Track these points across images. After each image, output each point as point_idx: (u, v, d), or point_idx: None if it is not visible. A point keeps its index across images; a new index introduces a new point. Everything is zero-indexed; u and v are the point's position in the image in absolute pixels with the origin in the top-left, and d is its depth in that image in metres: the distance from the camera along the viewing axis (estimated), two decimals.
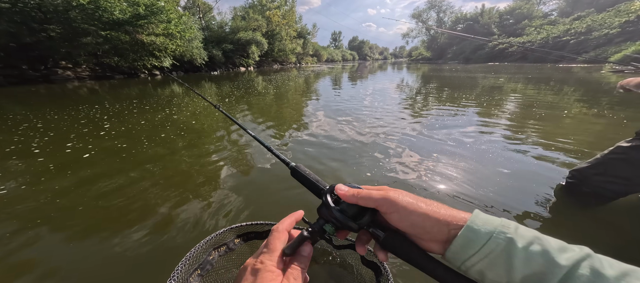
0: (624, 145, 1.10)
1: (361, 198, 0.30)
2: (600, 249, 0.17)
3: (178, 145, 2.33)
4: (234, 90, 6.64)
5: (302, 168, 0.42)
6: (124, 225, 1.19)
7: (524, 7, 33.49)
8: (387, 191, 0.29)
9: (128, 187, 1.55)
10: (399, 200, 0.28)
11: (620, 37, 14.84)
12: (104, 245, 1.07)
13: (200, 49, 17.63)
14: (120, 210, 1.32)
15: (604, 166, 1.14)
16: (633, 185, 1.08)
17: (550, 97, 4.27)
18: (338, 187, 0.33)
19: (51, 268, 0.97)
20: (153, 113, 3.83)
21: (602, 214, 1.11)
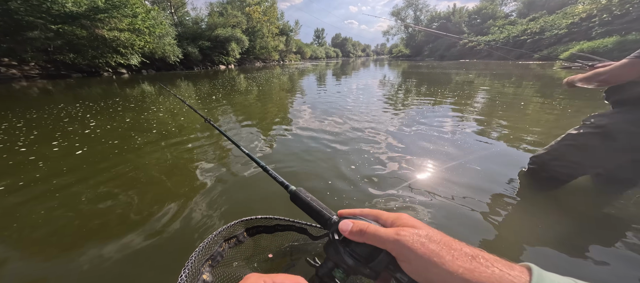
0: (573, 132, 1.22)
1: (368, 238, 0.25)
2: (558, 227, 0.17)
3: (153, 149, 2.16)
4: (215, 90, 6.30)
5: (304, 193, 0.38)
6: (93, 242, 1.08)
7: (488, 7, 36.61)
8: (398, 231, 0.22)
9: (97, 199, 1.40)
10: (413, 246, 0.20)
11: (567, 37, 17.01)
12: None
13: (174, 46, 16.36)
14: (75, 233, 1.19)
15: (558, 152, 1.26)
16: (582, 168, 1.20)
17: (512, 91, 4.76)
18: (342, 224, 0.27)
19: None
20: (122, 114, 3.47)
21: (559, 195, 1.26)
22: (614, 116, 1.07)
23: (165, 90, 5.63)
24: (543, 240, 0.98)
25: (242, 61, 26.04)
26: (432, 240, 0.21)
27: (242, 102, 4.61)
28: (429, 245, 0.20)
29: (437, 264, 0.19)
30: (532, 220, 1.09)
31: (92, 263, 0.97)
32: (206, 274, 0.38)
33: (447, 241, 0.21)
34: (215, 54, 21.72)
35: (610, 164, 1.12)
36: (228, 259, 0.45)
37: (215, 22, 22.41)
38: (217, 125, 0.91)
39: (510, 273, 0.17)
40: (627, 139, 1.00)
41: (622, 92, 1.05)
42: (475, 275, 0.18)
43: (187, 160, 1.92)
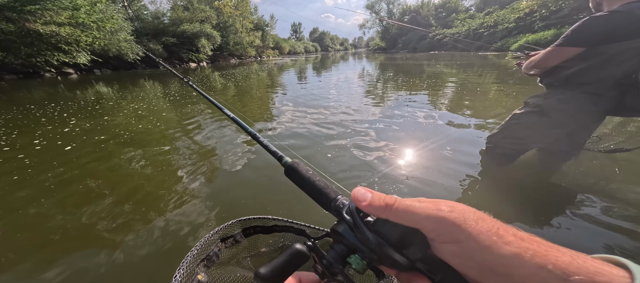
0: (517, 112, 1.37)
1: (397, 213, 0.19)
2: (512, 197, 0.22)
3: (121, 156, 1.98)
4: (187, 89, 5.87)
5: (303, 166, 0.30)
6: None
7: (452, 1, 39.55)
8: (438, 205, 0.18)
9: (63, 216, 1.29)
10: (465, 225, 0.16)
11: (516, 30, 19.33)
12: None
13: (131, 43, 14.56)
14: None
15: (507, 130, 1.40)
16: (527, 144, 1.35)
17: (475, 79, 5.37)
18: (356, 192, 0.21)
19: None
20: (82, 120, 3.09)
21: (511, 169, 1.43)
22: (547, 96, 1.25)
23: (129, 89, 5.04)
24: (505, 213, 1.16)
25: (215, 58, 24.31)
26: (483, 218, 0.17)
27: (219, 100, 4.43)
28: (482, 223, 0.16)
29: (498, 244, 0.15)
30: (493, 195, 1.28)
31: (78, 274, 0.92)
32: (201, 274, 0.36)
33: (499, 222, 0.17)
34: (183, 51, 19.91)
35: (548, 138, 1.32)
36: (224, 259, 0.44)
37: (180, 17, 20.43)
38: (199, 89, 0.88)
39: (596, 265, 0.14)
40: (558, 116, 1.20)
41: (551, 76, 1.22)
42: (550, 259, 0.14)
43: (167, 163, 1.82)
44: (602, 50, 1.05)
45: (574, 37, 1.08)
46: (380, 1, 52.80)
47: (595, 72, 1.10)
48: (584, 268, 0.14)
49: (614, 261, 0.15)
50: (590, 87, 1.12)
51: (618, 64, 1.04)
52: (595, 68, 1.09)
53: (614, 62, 1.04)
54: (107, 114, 3.53)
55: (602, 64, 1.06)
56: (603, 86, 1.10)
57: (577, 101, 1.16)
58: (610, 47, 1.03)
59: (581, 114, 1.18)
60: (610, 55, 1.03)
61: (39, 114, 3.61)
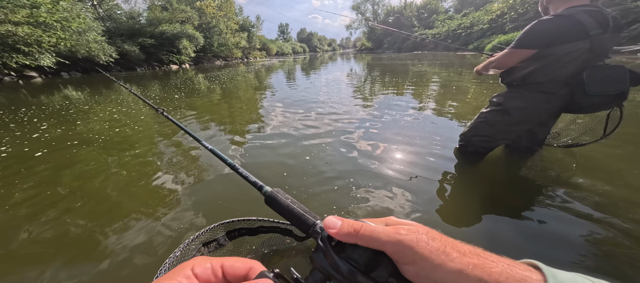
0: (484, 111, 1.45)
1: (363, 238, 0.21)
2: (485, 192, 0.26)
3: (98, 164, 1.82)
4: (169, 92, 5.60)
5: (282, 195, 0.32)
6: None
7: (432, 2, 41.38)
8: (397, 229, 0.20)
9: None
10: (417, 246, 0.19)
11: (490, 31, 20.66)
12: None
13: (103, 44, 13.60)
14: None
15: (476, 129, 1.48)
16: (494, 140, 1.44)
17: (456, 78, 5.69)
18: (327, 220, 0.23)
19: None
20: (52, 126, 2.85)
21: (483, 165, 1.52)
22: (507, 95, 1.34)
23: (103, 92, 4.66)
24: (480, 207, 1.22)
25: (198, 60, 23.39)
26: (433, 238, 0.19)
27: (204, 104, 4.28)
28: (432, 243, 0.19)
29: (445, 263, 0.18)
30: (469, 191, 1.37)
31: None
32: None
33: (447, 239, 0.20)
34: (162, 52, 18.93)
35: (512, 135, 1.45)
36: None
37: (158, 18, 19.42)
38: (173, 118, 0.80)
39: (520, 271, 0.17)
40: (518, 114, 1.29)
41: (510, 76, 1.31)
42: (486, 271, 0.17)
43: (143, 173, 1.74)
44: (551, 52, 1.13)
45: (525, 39, 1.16)
46: (366, 2, 53.91)
47: (547, 72, 1.18)
48: (512, 276, 0.16)
49: (533, 265, 0.18)
50: (544, 86, 1.22)
51: (566, 64, 1.14)
52: (547, 68, 1.17)
53: (562, 63, 1.14)
54: (78, 119, 3.28)
55: (552, 64, 1.16)
56: (555, 85, 1.21)
57: (533, 99, 1.26)
58: (557, 49, 1.11)
59: (538, 112, 1.29)
60: (558, 56, 1.13)
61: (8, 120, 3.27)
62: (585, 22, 1.07)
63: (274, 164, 1.81)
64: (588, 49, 1.10)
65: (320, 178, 1.56)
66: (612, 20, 1.08)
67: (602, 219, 1.08)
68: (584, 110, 1.26)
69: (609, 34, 1.08)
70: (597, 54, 1.12)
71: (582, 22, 1.07)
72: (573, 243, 0.99)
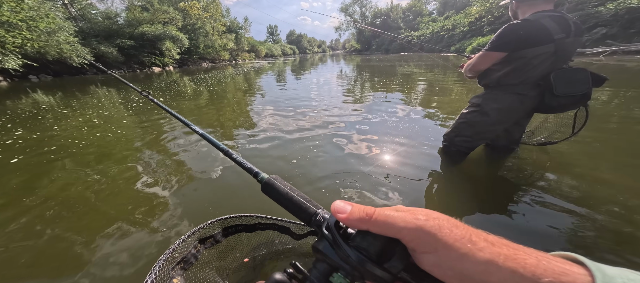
0: (464, 111, 1.49)
1: (377, 224, 0.19)
2: (467, 189, 0.26)
3: (76, 169, 1.66)
4: (153, 96, 5.31)
5: (280, 182, 0.30)
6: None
7: (417, 5, 42.93)
8: (415, 214, 0.18)
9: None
10: (440, 234, 0.17)
11: (470, 33, 21.75)
12: None
13: (76, 45, 12.71)
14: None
15: (458, 129, 1.52)
16: (474, 140, 1.48)
17: (441, 80, 5.91)
18: (336, 205, 0.21)
19: None
20: (27, 131, 2.59)
21: (465, 165, 1.57)
22: (484, 96, 1.40)
23: (78, 97, 4.25)
24: (466, 205, 1.29)
25: (183, 62, 22.54)
26: (456, 225, 0.18)
27: (191, 107, 4.14)
28: (456, 231, 0.17)
29: (473, 252, 0.16)
30: (455, 189, 1.42)
31: None
32: (177, 278, 0.34)
33: (470, 227, 0.18)
34: (143, 54, 18.06)
35: (491, 135, 1.47)
36: (203, 261, 0.41)
37: (138, 18, 18.52)
38: (159, 101, 0.81)
39: (558, 264, 0.15)
40: (495, 114, 1.35)
41: (486, 78, 1.37)
42: (520, 262, 0.15)
43: (126, 179, 1.64)
44: (521, 55, 1.19)
45: (496, 43, 1.21)
46: (354, 4, 54.86)
47: (519, 74, 1.24)
48: (550, 269, 0.14)
49: (572, 258, 0.16)
50: (517, 87, 1.29)
51: (535, 67, 1.21)
52: (518, 70, 1.23)
53: (531, 65, 1.21)
54: (53, 124, 3.01)
55: (523, 67, 1.21)
56: (526, 87, 1.27)
57: (507, 100, 1.32)
58: (527, 52, 1.17)
59: (513, 112, 1.36)
60: (528, 59, 1.20)
61: None
62: (549, 27, 1.13)
63: (264, 165, 1.79)
64: (553, 53, 1.17)
65: (310, 178, 1.56)
66: (574, 25, 1.16)
67: (573, 210, 1.15)
68: (553, 110, 1.33)
69: (571, 38, 1.16)
70: (562, 57, 1.20)
71: (547, 27, 1.13)
72: (548, 233, 1.04)
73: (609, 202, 1.19)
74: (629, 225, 1.05)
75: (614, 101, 2.97)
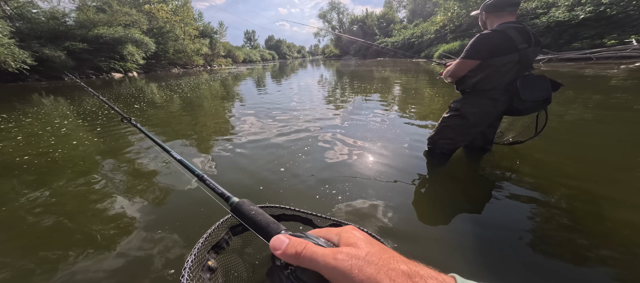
0: (445, 115, 1.56)
1: (303, 261, 0.21)
2: (451, 188, 0.23)
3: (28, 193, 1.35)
4: (111, 103, 4.69)
5: (248, 205, 0.32)
6: None
7: (389, 13, 45.98)
8: (336, 253, 0.20)
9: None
10: (350, 273, 0.18)
11: (436, 40, 23.89)
12: None
13: (12, 48, 10.80)
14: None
15: (441, 133, 1.58)
16: (456, 142, 1.56)
17: (414, 83, 6.30)
18: (275, 240, 0.23)
19: None
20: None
21: (449, 166, 1.64)
22: (462, 101, 1.48)
23: (16, 107, 3.42)
24: (448, 202, 1.34)
25: (150, 67, 20.56)
26: (370, 262, 0.19)
27: (162, 116, 3.77)
28: (366, 269, 0.18)
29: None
30: (438, 189, 1.47)
31: None
32: (211, 261, 0.37)
33: (386, 260, 0.19)
34: (99, 59, 16.05)
35: (469, 136, 1.56)
36: (233, 247, 0.45)
37: (92, 19, 16.49)
38: (144, 129, 0.73)
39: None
40: (473, 117, 1.44)
41: (463, 83, 1.46)
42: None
43: (88, 199, 1.39)
44: (491, 62, 1.31)
45: (470, 51, 1.31)
46: (332, 11, 56.61)
47: (491, 81, 1.36)
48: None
49: (453, 277, 0.18)
50: (489, 92, 1.39)
51: (504, 74, 1.32)
52: (490, 77, 1.35)
53: (500, 72, 1.32)
54: None
55: (493, 73, 1.33)
56: (497, 92, 1.38)
57: (482, 105, 1.42)
58: (496, 60, 1.29)
59: (487, 115, 1.46)
60: (497, 67, 1.30)
61: None
62: (514, 37, 1.23)
63: (247, 176, 1.70)
64: (517, 61, 1.28)
65: (295, 186, 1.51)
66: (533, 37, 1.28)
67: (542, 202, 1.27)
68: (520, 112, 1.46)
69: (531, 48, 1.28)
70: (524, 65, 1.32)
71: (512, 37, 1.23)
72: (521, 224, 1.14)
73: (570, 192, 1.32)
74: (587, 213, 1.18)
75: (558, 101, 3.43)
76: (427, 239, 1.09)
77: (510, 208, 1.24)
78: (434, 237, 1.10)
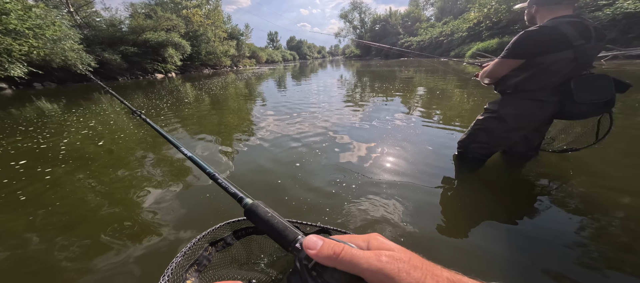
0: (479, 118, 1.45)
1: (343, 263, 0.20)
2: (484, 197, 0.21)
3: (81, 179, 1.61)
4: (154, 102, 5.26)
5: (263, 208, 0.30)
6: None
7: (415, 11, 43.69)
8: (379, 255, 0.20)
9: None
10: (398, 277, 0.18)
11: (469, 38, 21.99)
12: None
13: (80, 52, 12.87)
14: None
15: (474, 136, 1.47)
16: (491, 147, 1.43)
17: (441, 84, 5.88)
18: (308, 241, 0.22)
19: None
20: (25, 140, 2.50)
21: (482, 172, 1.51)
22: (502, 102, 1.35)
23: (82, 104, 4.27)
24: (480, 212, 1.21)
25: (185, 68, 22.78)
26: (415, 266, 0.19)
27: (193, 114, 4.10)
28: (413, 273, 0.18)
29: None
30: (468, 196, 1.34)
31: None
32: (191, 279, 0.35)
33: (429, 266, 0.19)
34: (146, 61, 18.27)
35: (508, 141, 1.42)
36: (215, 264, 0.41)
37: (142, 25, 18.83)
38: (152, 122, 0.77)
39: None
40: (513, 121, 1.31)
41: (502, 84, 1.33)
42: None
43: (137, 183, 1.58)
44: (539, 61, 1.15)
45: (513, 49, 1.18)
46: (353, 11, 55.92)
47: (537, 80, 1.20)
48: None
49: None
50: (535, 93, 1.24)
51: (554, 73, 1.16)
52: (536, 76, 1.19)
53: (550, 72, 1.16)
54: (55, 133, 2.94)
55: (541, 73, 1.18)
56: (545, 93, 1.22)
57: (526, 107, 1.27)
58: (545, 58, 1.13)
59: (531, 118, 1.30)
60: (547, 65, 1.15)
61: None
62: (568, 34, 1.08)
63: (264, 172, 1.75)
64: (573, 59, 1.12)
65: (311, 186, 1.50)
66: (594, 31, 1.10)
67: (593, 217, 1.09)
68: (573, 116, 1.27)
69: (592, 44, 1.10)
70: (582, 63, 1.14)
71: (565, 34, 1.08)
72: (565, 239, 1.00)
73: (634, 215, 1.10)
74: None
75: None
76: (455, 248, 1.01)
77: (554, 220, 1.10)
78: (463, 246, 1.02)
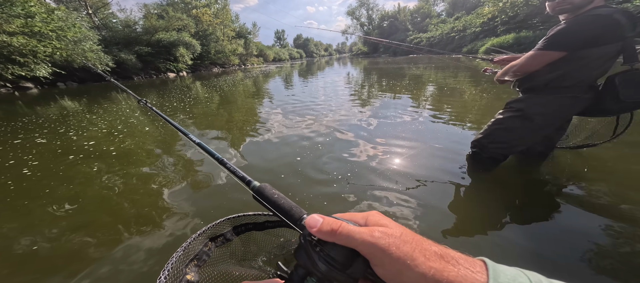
0: (499, 117, 1.36)
1: (340, 238, 0.22)
2: (498, 197, 0.23)
3: (99, 174, 1.75)
4: (167, 100, 5.51)
5: (269, 189, 0.33)
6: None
7: (425, 7, 42.36)
8: (372, 231, 0.21)
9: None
10: (388, 249, 0.20)
11: (482, 33, 21.12)
12: None
13: (99, 53, 13.56)
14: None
15: (492, 135, 1.38)
16: (513, 147, 1.34)
17: (452, 81, 5.73)
18: (309, 219, 0.24)
19: None
20: (47, 140, 2.73)
21: (498, 173, 1.45)
22: (528, 100, 1.24)
23: (100, 102, 4.59)
24: (494, 213, 1.18)
25: (196, 67, 23.42)
26: (405, 241, 0.20)
27: (203, 112, 4.25)
28: (402, 247, 0.20)
29: (411, 267, 0.19)
30: (482, 197, 1.33)
31: None
32: (191, 274, 0.35)
33: (418, 241, 0.21)
34: (159, 60, 18.95)
35: (530, 141, 1.33)
36: (214, 259, 0.42)
37: (154, 26, 19.51)
38: (158, 110, 0.81)
39: (473, 270, 0.18)
40: (541, 119, 1.22)
41: (531, 81, 1.22)
42: (445, 275, 0.18)
43: (151, 180, 1.66)
44: (584, 54, 1.04)
45: (558, 40, 1.05)
46: (360, 7, 54.96)
47: (575, 76, 1.10)
48: (462, 275, 0.18)
49: (482, 260, 0.20)
50: (570, 90, 1.14)
51: (595, 68, 1.06)
52: (575, 72, 1.09)
53: (592, 66, 1.06)
54: (77, 130, 3.18)
55: (582, 68, 1.07)
56: (580, 89, 1.13)
57: (558, 105, 1.18)
58: (592, 51, 1.02)
59: (560, 117, 1.23)
60: (592, 59, 1.03)
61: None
62: (622, 23, 0.95)
63: (271, 166, 1.80)
64: (617, 52, 1.02)
65: (317, 182, 1.53)
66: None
67: (615, 217, 1.05)
68: (607, 114, 1.19)
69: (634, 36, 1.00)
70: (628, 57, 1.03)
71: (620, 23, 0.95)
72: (584, 241, 0.97)
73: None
74: None
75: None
76: (464, 248, 1.04)
77: (571, 221, 1.07)
78: (472, 247, 1.02)
